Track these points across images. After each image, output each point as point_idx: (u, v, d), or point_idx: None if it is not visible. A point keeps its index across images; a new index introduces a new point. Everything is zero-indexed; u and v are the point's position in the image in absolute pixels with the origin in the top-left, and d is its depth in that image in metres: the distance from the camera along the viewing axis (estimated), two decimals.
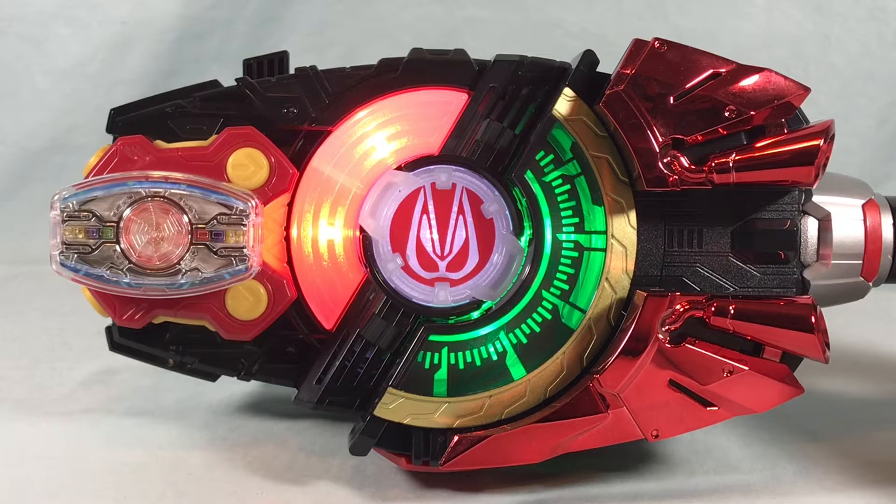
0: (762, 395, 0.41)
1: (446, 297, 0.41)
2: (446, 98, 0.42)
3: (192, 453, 0.46)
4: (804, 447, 0.47)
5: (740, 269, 0.42)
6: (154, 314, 0.42)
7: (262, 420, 0.50)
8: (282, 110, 0.42)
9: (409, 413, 0.41)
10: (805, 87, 0.40)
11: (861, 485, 0.43)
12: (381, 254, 0.41)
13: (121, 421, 0.50)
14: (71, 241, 0.40)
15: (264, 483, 0.43)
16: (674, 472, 0.44)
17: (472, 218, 0.41)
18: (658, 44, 0.40)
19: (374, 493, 0.42)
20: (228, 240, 0.40)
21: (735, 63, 0.40)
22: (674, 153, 0.40)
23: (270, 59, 0.43)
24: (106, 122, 0.43)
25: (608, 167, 0.41)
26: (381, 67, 0.42)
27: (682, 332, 0.40)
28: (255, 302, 0.41)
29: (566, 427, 0.40)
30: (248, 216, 0.40)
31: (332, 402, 0.43)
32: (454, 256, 0.41)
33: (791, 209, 0.42)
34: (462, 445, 0.41)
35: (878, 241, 0.42)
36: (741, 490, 0.43)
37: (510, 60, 0.42)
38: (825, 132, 0.39)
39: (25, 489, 0.42)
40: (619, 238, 0.41)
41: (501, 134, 0.41)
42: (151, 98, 0.43)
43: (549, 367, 0.42)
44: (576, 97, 0.41)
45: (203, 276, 0.40)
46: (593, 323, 0.42)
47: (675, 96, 0.39)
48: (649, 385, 0.40)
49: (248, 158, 0.41)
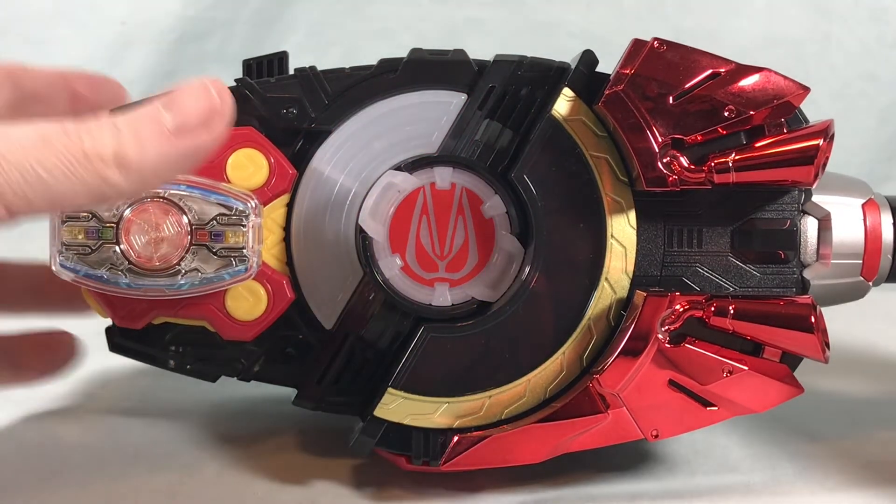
0: (762, 395, 0.41)
1: (446, 298, 0.41)
2: (446, 98, 0.42)
3: (191, 454, 0.46)
4: (804, 447, 0.47)
5: (740, 268, 0.42)
6: (154, 315, 0.42)
7: (262, 420, 0.50)
8: (281, 111, 0.42)
9: (408, 413, 0.41)
10: (804, 86, 0.40)
11: (861, 485, 0.43)
12: (381, 254, 0.41)
13: (120, 421, 0.50)
14: (70, 241, 0.40)
15: (264, 483, 0.43)
16: (674, 472, 0.44)
17: (472, 218, 0.41)
18: (657, 44, 0.40)
19: (374, 493, 0.42)
20: (228, 240, 0.40)
21: (734, 63, 0.40)
22: (673, 153, 0.40)
23: (270, 59, 0.43)
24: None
25: (607, 167, 0.41)
26: (380, 68, 0.42)
27: (681, 332, 0.40)
28: (255, 302, 0.41)
29: (566, 427, 0.40)
30: (247, 217, 0.40)
31: (332, 402, 0.43)
32: (454, 257, 0.41)
33: (791, 209, 0.41)
34: (462, 445, 0.41)
35: (877, 241, 0.42)
36: (741, 490, 0.43)
37: (510, 61, 0.42)
38: (825, 132, 0.39)
39: (26, 489, 0.42)
40: (619, 238, 0.41)
41: (501, 134, 0.41)
42: (151, 98, 0.43)
43: (549, 368, 0.42)
44: (575, 97, 0.41)
45: (203, 277, 0.40)
46: (593, 323, 0.42)
47: (674, 96, 0.39)
48: (649, 385, 0.40)
49: (247, 159, 0.41)
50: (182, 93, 0.35)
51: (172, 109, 0.34)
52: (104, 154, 0.32)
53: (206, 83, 0.35)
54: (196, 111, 0.34)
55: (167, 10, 0.91)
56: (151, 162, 0.33)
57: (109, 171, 0.33)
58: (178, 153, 0.34)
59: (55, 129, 0.32)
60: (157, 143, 0.33)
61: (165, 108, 0.34)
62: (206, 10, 0.91)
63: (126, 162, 0.33)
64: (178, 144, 0.34)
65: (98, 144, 0.32)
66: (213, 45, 0.91)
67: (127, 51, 0.91)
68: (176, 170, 0.35)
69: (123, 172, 0.33)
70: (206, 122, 0.34)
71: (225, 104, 0.35)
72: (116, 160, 0.33)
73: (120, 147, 0.33)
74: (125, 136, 0.33)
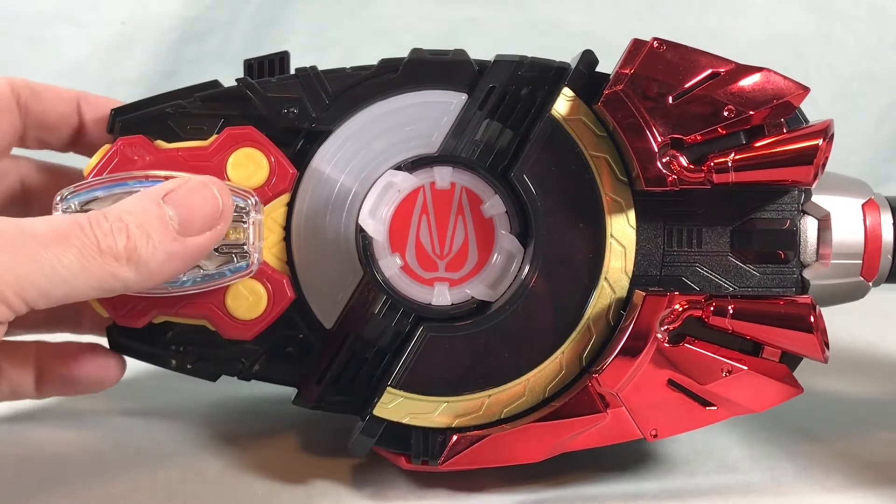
0: (761, 395, 0.41)
1: (446, 297, 0.41)
2: (446, 98, 0.42)
3: (191, 454, 0.46)
4: (804, 447, 0.47)
5: (739, 268, 0.42)
6: (155, 314, 0.42)
7: (262, 420, 0.50)
8: (282, 110, 0.42)
9: (408, 412, 0.42)
10: (804, 86, 0.40)
11: (861, 485, 0.43)
12: (381, 253, 0.41)
13: (120, 421, 0.50)
14: None
15: (264, 483, 0.43)
16: (674, 472, 0.44)
17: (472, 218, 0.42)
18: (657, 43, 0.40)
19: (374, 492, 0.42)
20: (229, 236, 0.40)
21: (734, 63, 0.40)
22: (673, 153, 0.40)
23: (271, 59, 0.43)
24: (107, 123, 0.44)
25: (607, 167, 0.41)
26: (381, 68, 0.42)
27: (681, 332, 0.40)
28: (255, 301, 0.41)
29: (565, 426, 0.40)
30: (247, 213, 0.40)
31: (332, 401, 0.43)
32: (453, 256, 0.42)
33: (790, 209, 0.42)
34: (461, 445, 0.41)
35: (877, 241, 0.42)
36: (741, 490, 0.43)
37: (510, 61, 0.42)
38: (824, 132, 0.39)
39: (25, 489, 0.42)
40: (618, 237, 0.42)
41: (501, 134, 0.42)
42: (152, 98, 0.43)
43: (548, 367, 0.42)
44: (575, 97, 0.41)
45: (204, 274, 0.40)
46: (592, 322, 0.42)
47: (674, 96, 0.39)
48: (648, 384, 0.40)
49: (247, 158, 0.41)
50: (186, 193, 0.37)
51: (178, 211, 0.36)
52: (117, 251, 0.35)
53: (208, 184, 0.38)
54: (202, 214, 0.37)
55: (167, 10, 0.90)
56: (160, 259, 0.36)
57: (121, 268, 0.35)
58: (184, 251, 0.37)
59: (70, 225, 0.35)
60: (165, 240, 0.36)
61: (170, 206, 0.36)
62: (206, 10, 0.91)
63: (137, 258, 0.35)
64: (185, 243, 0.36)
65: (111, 241, 0.35)
66: (213, 45, 0.91)
67: (127, 51, 0.91)
68: (182, 266, 0.37)
69: (133, 268, 0.35)
70: (211, 223, 0.37)
71: (226, 205, 0.38)
72: (128, 257, 0.35)
73: (132, 244, 0.35)
74: (134, 232, 0.35)
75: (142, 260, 0.35)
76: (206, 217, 0.37)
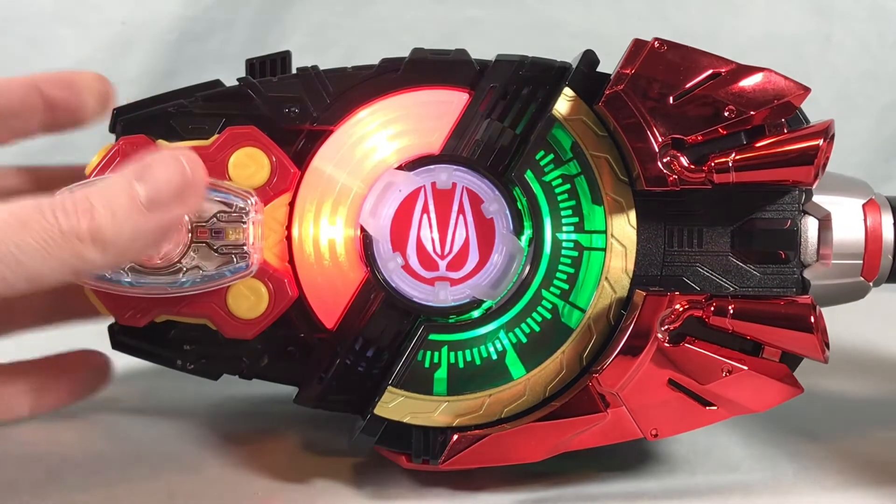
0: (762, 395, 0.41)
1: (446, 297, 0.41)
2: (447, 98, 0.42)
3: (191, 453, 0.46)
4: (804, 447, 0.47)
5: (740, 268, 0.42)
6: (156, 313, 0.42)
7: (263, 419, 0.50)
8: (283, 110, 0.42)
9: (408, 412, 0.42)
10: (805, 86, 0.40)
11: (861, 485, 0.43)
12: (382, 253, 0.41)
13: (120, 420, 0.50)
14: None
15: (264, 483, 0.43)
16: (674, 472, 0.44)
17: (473, 217, 0.42)
18: (658, 44, 0.40)
19: (374, 492, 0.42)
20: (229, 237, 0.40)
21: (735, 63, 0.40)
22: (673, 153, 0.40)
23: (273, 59, 0.43)
24: (108, 123, 0.44)
25: (608, 167, 0.41)
26: (382, 67, 0.42)
27: (681, 332, 0.40)
28: (256, 301, 0.41)
29: (565, 426, 0.40)
30: (247, 213, 0.40)
31: (333, 400, 0.43)
32: (454, 256, 0.42)
33: (791, 209, 0.42)
34: (461, 444, 0.41)
35: (878, 241, 0.42)
36: (741, 490, 0.43)
37: (511, 60, 0.42)
38: (825, 132, 0.39)
39: (25, 489, 0.42)
40: (619, 237, 0.42)
41: (502, 134, 0.42)
42: (153, 98, 0.43)
43: (549, 367, 0.42)
44: (576, 97, 0.41)
45: (204, 274, 0.40)
46: (593, 322, 0.42)
47: (674, 96, 0.39)
48: (648, 384, 0.40)
49: (249, 158, 0.41)
50: (154, 165, 0.35)
51: (145, 182, 0.34)
52: (80, 232, 0.33)
53: (178, 155, 0.36)
54: (169, 184, 0.35)
55: (167, 10, 0.90)
56: (127, 236, 0.34)
57: (86, 249, 0.33)
58: (152, 226, 0.35)
59: (31, 210, 0.33)
60: (131, 217, 0.34)
61: (138, 180, 0.34)
62: (206, 10, 0.91)
63: (102, 238, 0.33)
64: (151, 218, 0.34)
65: (74, 222, 0.33)
66: (213, 45, 0.91)
67: (127, 51, 0.91)
68: (151, 242, 0.36)
69: (99, 248, 0.33)
70: (180, 195, 0.35)
71: (197, 176, 0.36)
72: (92, 237, 0.33)
73: (95, 224, 0.33)
74: (100, 212, 0.33)
75: (108, 239, 0.33)
76: (175, 189, 0.35)
